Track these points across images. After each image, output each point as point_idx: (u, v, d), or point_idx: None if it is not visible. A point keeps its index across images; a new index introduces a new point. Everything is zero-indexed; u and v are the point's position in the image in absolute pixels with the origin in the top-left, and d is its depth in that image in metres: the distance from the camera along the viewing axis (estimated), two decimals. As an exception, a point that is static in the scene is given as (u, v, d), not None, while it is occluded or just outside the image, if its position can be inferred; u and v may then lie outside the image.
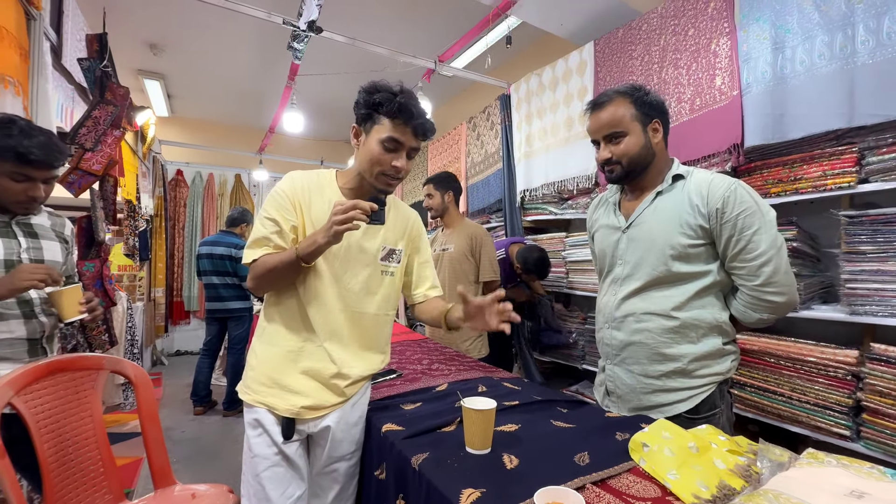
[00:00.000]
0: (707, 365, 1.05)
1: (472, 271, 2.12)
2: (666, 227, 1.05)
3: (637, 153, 1.07)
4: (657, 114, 1.08)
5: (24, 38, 1.63)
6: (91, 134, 1.78)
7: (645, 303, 1.08)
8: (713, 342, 1.06)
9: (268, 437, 0.99)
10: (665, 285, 1.06)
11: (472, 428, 0.86)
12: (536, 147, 2.71)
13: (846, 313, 1.46)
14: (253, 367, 1.03)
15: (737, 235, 0.99)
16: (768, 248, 0.98)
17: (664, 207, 1.07)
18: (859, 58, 1.37)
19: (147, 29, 3.27)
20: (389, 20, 3.05)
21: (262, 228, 0.99)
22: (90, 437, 1.27)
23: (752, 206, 0.99)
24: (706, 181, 1.04)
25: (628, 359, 1.11)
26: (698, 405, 1.04)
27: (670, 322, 1.05)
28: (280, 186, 1.03)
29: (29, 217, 1.22)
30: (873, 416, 1.40)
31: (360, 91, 0.99)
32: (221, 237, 3.25)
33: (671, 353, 1.05)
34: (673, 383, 1.06)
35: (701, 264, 1.04)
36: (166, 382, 3.98)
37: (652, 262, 1.06)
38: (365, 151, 0.98)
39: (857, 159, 1.42)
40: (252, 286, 1.01)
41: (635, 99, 1.07)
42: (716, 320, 1.05)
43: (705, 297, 1.05)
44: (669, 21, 1.92)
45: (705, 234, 1.02)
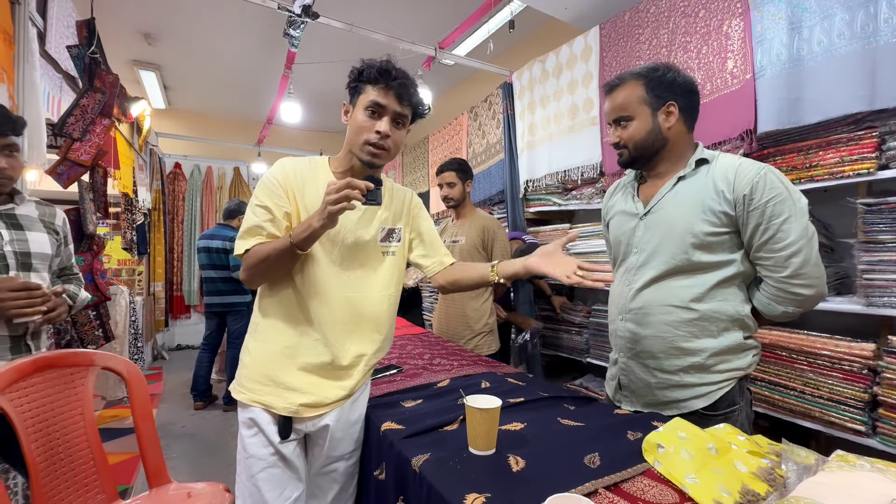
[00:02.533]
0: (727, 360, 1.00)
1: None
2: (687, 213, 0.99)
3: (643, 138, 1.03)
4: (674, 95, 1.01)
5: (9, 22, 1.57)
6: (79, 123, 1.73)
7: (662, 293, 1.02)
8: (734, 336, 1.00)
9: (263, 437, 0.95)
10: (683, 275, 1.00)
11: (475, 428, 0.81)
12: (539, 136, 2.64)
13: (863, 305, 1.41)
14: (247, 365, 0.99)
15: (765, 223, 0.93)
16: (798, 238, 0.92)
17: (686, 193, 1.01)
18: (882, 36, 1.30)
19: (140, 17, 3.19)
20: (388, 5, 2.97)
21: (253, 217, 0.94)
22: (81, 435, 1.23)
23: (783, 192, 0.93)
24: (733, 165, 0.97)
25: (643, 352, 1.06)
26: (716, 402, 0.99)
27: (689, 314, 0.99)
28: (271, 173, 0.98)
29: (13, 207, 1.17)
30: (890, 412, 1.35)
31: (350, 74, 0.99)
32: (218, 230, 3.22)
33: (689, 348, 1.00)
34: (690, 379, 1.01)
35: (723, 254, 0.98)
36: (167, 377, 3.96)
37: (671, 250, 1.00)
38: (352, 123, 0.97)
39: (878, 144, 1.36)
40: (245, 278, 0.96)
41: (649, 80, 1.02)
42: (737, 313, 1.00)
43: (727, 288, 1.00)
44: (679, 2, 1.85)
45: (729, 222, 0.96)
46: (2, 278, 1.04)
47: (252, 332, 1.01)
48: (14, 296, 1.03)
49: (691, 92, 1.04)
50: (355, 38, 2.60)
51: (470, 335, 2.03)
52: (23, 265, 1.14)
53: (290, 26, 2.33)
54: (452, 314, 2.06)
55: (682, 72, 1.05)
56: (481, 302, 2.05)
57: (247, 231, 0.94)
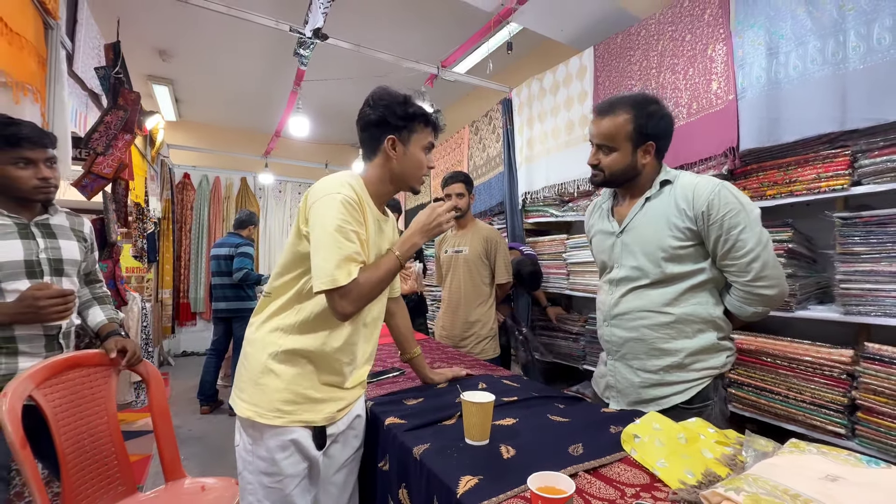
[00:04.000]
0: (702, 359, 1.10)
1: (487, 274, 2.16)
2: (656, 230, 1.10)
3: (620, 169, 1.13)
4: (655, 136, 1.11)
5: (42, 46, 1.69)
6: (103, 139, 1.85)
7: (640, 300, 1.13)
8: (708, 337, 1.10)
9: (298, 455, 0.96)
10: (659, 285, 1.11)
11: (471, 420, 0.90)
12: (538, 150, 2.75)
13: (841, 313, 1.49)
14: (279, 389, 0.95)
15: (724, 235, 1.03)
16: (755, 245, 1.02)
17: (654, 212, 1.12)
18: (851, 63, 1.40)
19: (157, 35, 3.34)
20: (393, 27, 3.11)
21: (349, 243, 0.90)
22: (104, 431, 1.32)
23: (736, 205, 1.03)
24: (691, 185, 1.08)
25: (628, 354, 1.16)
26: (692, 397, 1.09)
27: (665, 318, 1.09)
28: (348, 194, 0.93)
29: (47, 218, 1.27)
30: (867, 415, 1.42)
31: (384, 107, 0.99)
32: (227, 238, 3.38)
33: (668, 348, 1.10)
34: (670, 377, 1.10)
35: (692, 264, 1.09)
36: (173, 383, 4.04)
37: (646, 264, 1.11)
38: (411, 158, 1.02)
39: (850, 162, 1.45)
40: (353, 309, 0.91)
41: (637, 118, 1.09)
42: (709, 315, 1.10)
43: (698, 293, 1.10)
44: (667, 27, 1.96)
45: (693, 236, 1.07)
46: (41, 285, 1.14)
47: (274, 358, 0.96)
48: (53, 302, 1.13)
49: (668, 135, 1.14)
50: (362, 57, 2.73)
51: (476, 340, 2.12)
52: (55, 270, 1.24)
53: (300, 46, 2.46)
54: (458, 321, 2.15)
55: (667, 112, 1.13)
56: (486, 308, 2.15)
57: (346, 259, 0.89)
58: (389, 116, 0.99)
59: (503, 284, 2.20)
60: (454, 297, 2.19)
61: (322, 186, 0.95)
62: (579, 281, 2.56)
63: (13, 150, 1.16)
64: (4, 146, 1.15)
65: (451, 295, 2.22)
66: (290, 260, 0.98)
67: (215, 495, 1.33)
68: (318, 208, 0.92)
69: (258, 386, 0.95)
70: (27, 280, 1.18)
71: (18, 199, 1.20)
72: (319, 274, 0.88)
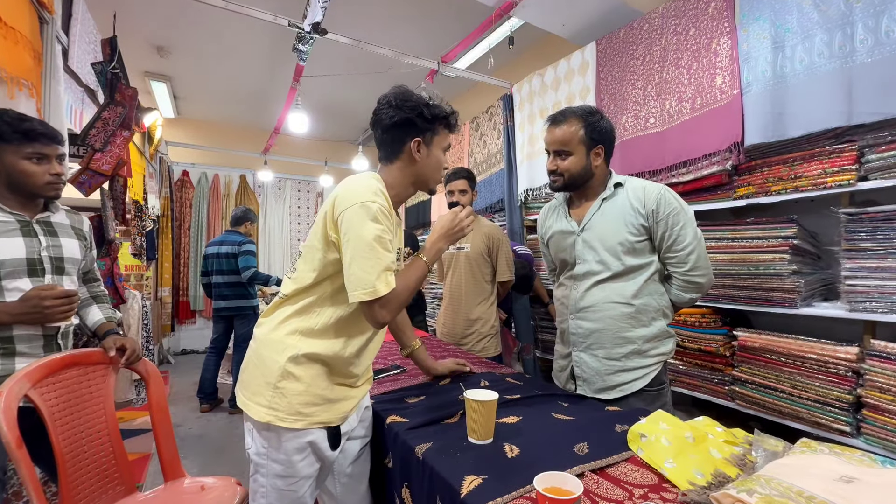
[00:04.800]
0: (656, 346, 1.24)
1: (489, 271, 2.14)
2: (615, 227, 1.23)
3: (577, 172, 1.25)
4: (603, 141, 1.25)
5: (38, 41, 1.67)
6: (101, 135, 1.82)
7: (605, 293, 1.24)
8: (659, 324, 1.25)
9: (313, 457, 0.97)
10: (620, 277, 1.23)
11: (474, 418, 0.88)
12: (539, 147, 2.73)
13: (846, 310, 1.47)
14: (300, 393, 0.94)
15: (668, 231, 1.20)
16: (692, 240, 1.20)
17: (610, 211, 1.25)
18: (858, 56, 1.38)
19: (154, 31, 3.31)
20: (392, 22, 3.08)
21: (387, 254, 0.90)
22: (103, 430, 1.30)
23: (677, 206, 1.20)
24: (641, 188, 1.23)
25: (594, 344, 1.26)
26: (650, 382, 1.22)
27: (628, 308, 1.22)
28: (382, 204, 0.92)
29: (49, 215, 1.26)
30: (873, 413, 1.41)
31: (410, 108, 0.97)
32: (226, 236, 3.33)
33: (629, 336, 1.22)
34: (631, 363, 1.22)
35: (645, 256, 1.24)
36: (173, 381, 4.03)
37: (608, 258, 1.23)
38: (433, 160, 1.03)
39: (857, 157, 1.43)
40: (391, 317, 0.92)
41: (587, 124, 1.23)
42: (659, 305, 1.25)
43: (651, 284, 1.24)
44: (670, 21, 1.94)
45: (645, 231, 1.22)
46: (46, 287, 1.13)
47: (292, 360, 0.95)
48: (59, 302, 1.12)
49: (611, 139, 1.28)
50: (362, 52, 2.70)
51: (477, 338, 2.10)
52: (56, 269, 1.22)
53: (299, 42, 2.44)
54: (460, 318, 2.13)
55: (608, 121, 1.28)
56: (487, 306, 2.13)
57: (385, 269, 0.89)
58: (417, 119, 0.98)
59: (505, 282, 2.19)
60: (455, 294, 2.18)
61: (353, 193, 0.92)
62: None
63: (29, 146, 1.15)
64: (22, 141, 1.15)
65: (451, 292, 2.20)
66: (313, 265, 0.96)
67: (215, 494, 1.32)
68: (353, 217, 0.89)
69: (277, 390, 0.94)
70: (28, 278, 1.16)
71: (29, 194, 1.20)
72: (359, 285, 0.87)
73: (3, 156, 1.14)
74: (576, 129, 1.23)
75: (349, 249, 0.88)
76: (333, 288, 0.95)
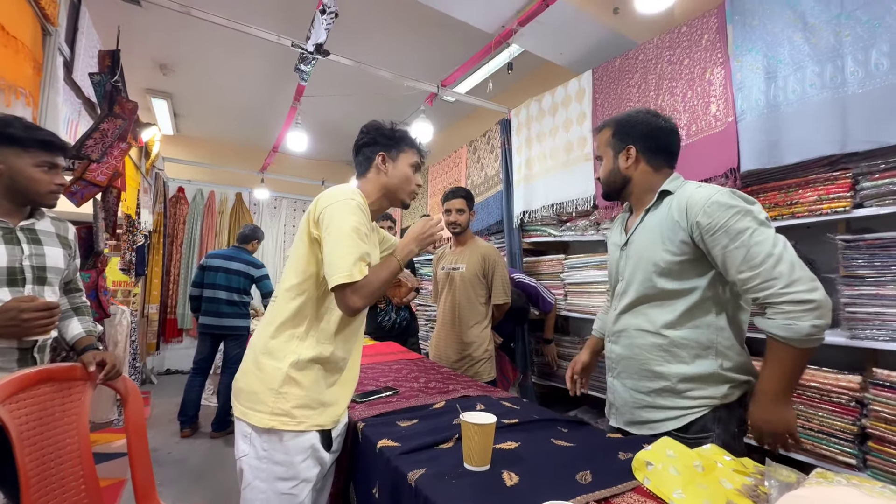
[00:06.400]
0: (700, 387, 1.01)
1: (484, 293, 2.10)
2: (650, 243, 1.06)
3: (606, 176, 1.18)
4: (632, 140, 1.12)
5: (39, 51, 1.67)
6: (98, 146, 1.80)
7: (637, 319, 1.09)
8: (708, 364, 1.01)
9: (313, 459, 1.02)
10: (654, 302, 1.06)
11: (470, 443, 0.84)
12: (536, 170, 2.76)
13: (847, 337, 1.45)
14: (297, 396, 0.99)
15: (733, 242, 0.91)
16: (773, 247, 0.88)
17: (651, 224, 1.08)
18: (849, 87, 1.41)
19: (158, 49, 3.36)
20: (394, 45, 3.15)
21: (362, 244, 0.97)
22: (74, 452, 1.22)
23: (739, 207, 0.93)
24: (688, 195, 1.00)
25: (622, 373, 1.14)
26: (687, 425, 1.01)
27: (659, 339, 1.05)
28: (358, 203, 1.02)
29: (33, 223, 1.22)
30: (879, 444, 1.37)
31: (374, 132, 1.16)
32: (237, 252, 3.26)
33: (660, 371, 1.05)
34: (662, 401, 1.05)
35: (687, 280, 1.01)
36: (154, 402, 3.88)
37: (640, 278, 1.08)
38: (398, 174, 1.15)
39: (852, 184, 1.45)
40: (362, 304, 0.97)
41: (615, 127, 1.16)
42: (710, 342, 1.01)
43: (699, 316, 1.01)
44: (665, 51, 2.00)
45: (689, 250, 0.99)
46: (26, 298, 1.08)
47: (294, 365, 1.00)
48: (38, 315, 1.07)
49: (650, 137, 1.11)
50: (362, 74, 2.74)
51: (470, 362, 2.04)
52: (38, 279, 1.17)
53: (301, 62, 2.47)
54: (453, 341, 2.08)
55: (646, 118, 1.13)
56: (481, 329, 2.08)
57: (360, 258, 0.96)
58: (378, 137, 1.15)
59: (500, 305, 2.15)
60: (449, 315, 2.13)
61: (334, 193, 1.03)
62: (577, 302, 2.51)
63: (44, 154, 1.15)
64: (38, 148, 1.14)
65: (445, 313, 2.16)
66: (298, 268, 1.03)
67: (190, 525, 1.23)
68: (334, 211, 0.98)
69: (280, 395, 0.98)
70: (7, 288, 1.12)
71: (28, 200, 1.18)
72: (336, 270, 0.94)
73: (11, 160, 1.12)
74: (607, 133, 1.17)
75: (329, 239, 0.97)
76: (319, 290, 1.03)
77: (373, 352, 2.18)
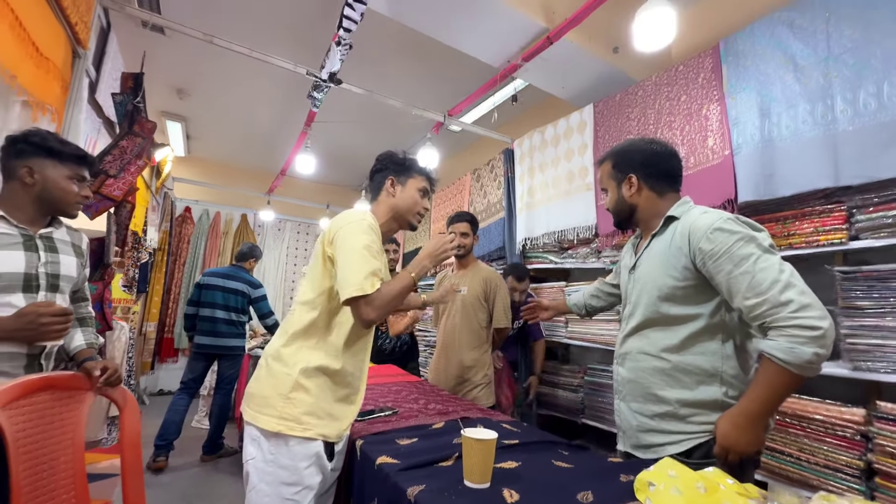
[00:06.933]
0: (703, 413, 1.00)
1: (485, 317, 2.10)
2: (654, 268, 1.08)
3: (613, 207, 1.22)
4: (632, 170, 1.15)
5: (68, 72, 1.76)
6: (117, 162, 1.87)
7: (640, 342, 1.10)
8: (711, 391, 1.00)
9: (316, 467, 1.04)
10: (658, 326, 1.07)
11: (471, 459, 0.83)
12: (538, 198, 2.82)
13: (849, 369, 1.45)
14: (305, 403, 1.04)
15: (737, 268, 0.91)
16: (779, 273, 0.87)
17: (656, 249, 1.10)
18: (840, 125, 1.47)
19: (176, 75, 3.50)
20: (404, 76, 3.29)
21: (374, 261, 1.04)
22: (67, 464, 1.21)
23: (743, 233, 0.92)
24: (689, 221, 1.01)
25: (628, 395, 1.14)
26: (691, 450, 1.00)
27: (661, 364, 1.05)
28: (370, 224, 1.11)
29: (51, 231, 1.26)
30: (887, 481, 1.34)
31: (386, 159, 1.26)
32: (235, 271, 3.20)
33: (662, 396, 1.04)
34: (666, 425, 1.04)
35: (690, 306, 1.01)
36: (146, 422, 3.76)
37: (645, 302, 1.09)
38: (406, 197, 1.23)
39: (847, 217, 1.49)
40: (378, 315, 1.02)
41: (615, 156, 1.21)
42: (715, 369, 1.00)
43: (703, 342, 1.01)
44: (663, 88, 2.09)
45: (692, 276, 1.00)
46: (43, 303, 1.10)
47: (303, 372, 1.04)
48: (55, 320, 1.09)
49: (650, 164, 1.14)
50: (372, 102, 2.85)
51: (469, 386, 2.02)
52: (51, 286, 1.20)
53: (314, 89, 2.58)
54: (453, 364, 2.07)
55: (644, 146, 1.16)
56: (481, 353, 2.07)
57: (372, 273, 1.02)
58: (389, 163, 1.25)
59: (501, 330, 2.15)
60: (449, 338, 2.13)
61: (347, 215, 1.11)
62: (578, 329, 2.51)
63: (77, 167, 1.22)
64: (74, 162, 1.22)
65: (446, 336, 2.15)
66: (313, 284, 1.10)
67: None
68: (347, 231, 1.06)
69: (289, 400, 1.02)
70: (21, 294, 1.14)
71: (56, 210, 1.24)
72: (347, 284, 1.00)
73: (47, 171, 1.18)
74: (607, 166, 1.22)
75: (342, 257, 1.03)
76: (331, 304, 1.08)
77: (373, 374, 2.16)
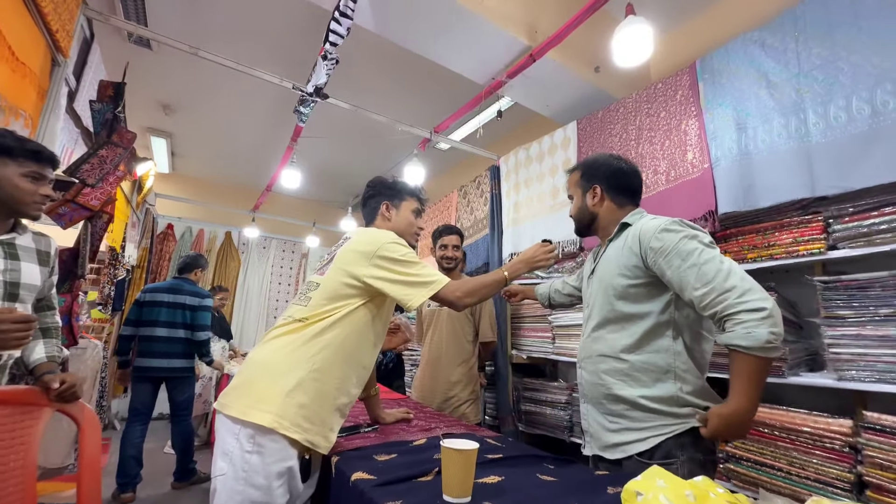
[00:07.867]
0: (660, 407, 1.04)
1: (471, 330, 2.07)
2: (610, 270, 1.16)
3: (576, 213, 1.30)
4: (598, 180, 1.24)
5: (46, 79, 1.73)
6: (96, 171, 1.82)
7: (598, 345, 1.15)
8: (667, 387, 1.05)
9: (285, 487, 1.01)
10: (612, 325, 1.13)
11: (450, 471, 0.78)
12: (524, 214, 2.83)
13: (834, 379, 1.44)
14: (304, 406, 1.01)
15: (685, 263, 0.98)
16: (721, 263, 0.95)
17: (611, 252, 1.19)
18: (813, 137, 1.51)
19: (162, 90, 3.49)
20: (390, 92, 3.33)
21: (431, 269, 1.14)
22: (16, 486, 1.11)
23: (688, 231, 1.03)
24: (640, 225, 1.12)
25: (593, 399, 1.16)
26: (652, 450, 1.03)
27: (620, 364, 1.10)
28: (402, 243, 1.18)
29: (14, 237, 1.20)
30: (878, 494, 1.32)
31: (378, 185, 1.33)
32: (179, 284, 2.86)
33: (623, 395, 1.08)
34: (627, 423, 1.08)
35: (641, 304, 1.09)
36: (114, 448, 3.58)
37: (601, 302, 1.16)
38: (402, 220, 1.31)
39: (824, 227, 1.51)
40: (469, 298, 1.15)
41: (584, 167, 1.30)
42: (668, 365, 1.06)
43: (656, 340, 1.07)
44: (643, 105, 2.14)
45: (643, 274, 1.08)
46: (3, 309, 1.04)
47: (309, 373, 1.04)
48: (16, 327, 1.03)
49: (613, 177, 1.24)
50: (358, 118, 2.87)
51: (456, 403, 1.97)
52: (10, 295, 1.14)
53: (300, 104, 2.59)
54: (439, 380, 2.01)
55: (610, 161, 1.26)
56: (468, 368, 2.03)
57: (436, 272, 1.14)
58: (382, 189, 1.32)
59: (487, 344, 2.11)
60: (435, 354, 2.08)
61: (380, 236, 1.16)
62: (565, 345, 2.47)
63: (32, 164, 1.17)
64: (27, 158, 1.16)
65: (431, 351, 2.10)
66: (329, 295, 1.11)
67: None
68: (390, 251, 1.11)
69: (287, 400, 1.01)
70: None
71: (11, 210, 1.17)
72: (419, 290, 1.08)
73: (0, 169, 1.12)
74: (576, 175, 1.30)
75: (396, 274, 1.09)
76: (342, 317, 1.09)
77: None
